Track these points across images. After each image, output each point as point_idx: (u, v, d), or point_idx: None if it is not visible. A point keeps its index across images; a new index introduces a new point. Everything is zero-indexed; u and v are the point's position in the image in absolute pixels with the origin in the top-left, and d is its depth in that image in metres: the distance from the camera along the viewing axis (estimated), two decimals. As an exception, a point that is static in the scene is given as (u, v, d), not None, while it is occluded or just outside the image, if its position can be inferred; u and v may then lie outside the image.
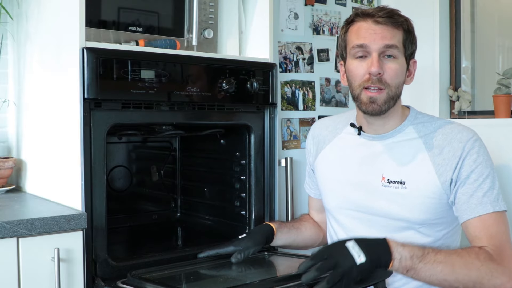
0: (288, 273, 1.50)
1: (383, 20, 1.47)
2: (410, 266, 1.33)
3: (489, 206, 1.42)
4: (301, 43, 2.23)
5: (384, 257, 1.30)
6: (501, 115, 2.29)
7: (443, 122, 1.55)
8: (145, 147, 2.29)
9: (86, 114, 1.49)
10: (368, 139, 1.58)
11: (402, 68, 1.50)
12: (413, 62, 1.56)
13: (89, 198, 1.50)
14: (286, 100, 2.17)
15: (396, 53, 1.47)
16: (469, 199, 1.44)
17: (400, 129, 1.55)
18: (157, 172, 2.27)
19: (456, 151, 1.46)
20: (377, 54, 1.46)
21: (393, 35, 1.47)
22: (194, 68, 1.70)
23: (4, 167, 1.85)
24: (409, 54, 1.52)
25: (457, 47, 2.56)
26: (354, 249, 1.27)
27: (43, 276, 1.40)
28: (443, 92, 2.51)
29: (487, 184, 1.44)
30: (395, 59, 1.48)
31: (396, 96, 1.50)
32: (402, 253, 1.32)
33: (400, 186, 1.50)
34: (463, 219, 1.45)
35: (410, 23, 1.52)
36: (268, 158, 1.88)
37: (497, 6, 2.64)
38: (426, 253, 1.35)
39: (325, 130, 1.72)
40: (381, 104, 1.48)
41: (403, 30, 1.49)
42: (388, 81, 1.47)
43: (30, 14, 1.85)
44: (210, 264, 1.61)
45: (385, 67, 1.47)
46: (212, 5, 1.90)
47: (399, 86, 1.50)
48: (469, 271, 1.35)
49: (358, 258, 1.26)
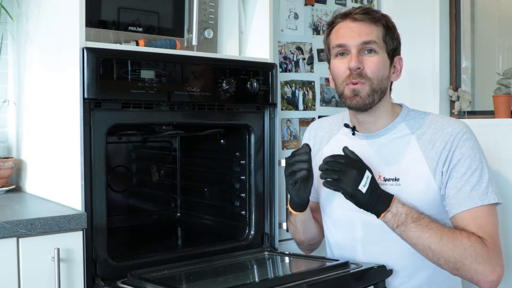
0: (288, 273, 1.50)
1: (360, 16, 1.51)
2: (402, 222, 1.42)
3: (477, 200, 1.43)
4: (301, 43, 2.23)
5: (380, 205, 1.43)
6: (501, 115, 2.29)
7: (435, 116, 1.57)
8: (145, 147, 2.29)
9: (86, 114, 1.49)
10: (362, 138, 1.60)
11: (383, 62, 1.51)
12: (398, 58, 1.57)
13: (89, 198, 1.50)
14: (286, 100, 2.17)
15: (376, 47, 1.50)
16: (457, 193, 1.45)
17: (392, 126, 1.56)
18: (157, 172, 2.27)
19: (446, 143, 1.48)
20: (356, 50, 1.50)
21: (370, 31, 1.50)
22: (194, 68, 1.70)
23: (4, 167, 1.85)
24: (392, 50, 1.54)
25: (457, 47, 2.56)
26: (367, 179, 1.42)
27: (43, 276, 1.40)
28: (443, 92, 2.51)
29: (475, 178, 1.45)
30: (376, 53, 1.50)
31: (380, 89, 1.51)
32: (399, 209, 1.43)
33: (395, 183, 1.52)
34: (452, 213, 1.46)
35: (389, 19, 1.55)
36: (268, 158, 1.88)
37: (497, 6, 2.64)
38: (422, 218, 1.43)
39: (322, 131, 1.73)
40: (364, 97, 1.50)
41: (382, 26, 1.52)
42: (369, 75, 1.49)
43: (30, 14, 1.85)
44: (210, 264, 1.61)
45: (365, 62, 1.50)
46: (212, 5, 1.90)
47: (382, 79, 1.51)
48: (454, 247, 1.39)
49: (362, 186, 1.40)
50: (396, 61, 1.57)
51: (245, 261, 1.70)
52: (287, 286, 1.34)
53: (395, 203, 1.43)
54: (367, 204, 1.42)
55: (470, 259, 1.38)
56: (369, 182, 1.41)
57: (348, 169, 1.41)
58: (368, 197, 1.41)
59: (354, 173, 1.40)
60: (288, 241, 2.04)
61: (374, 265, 1.49)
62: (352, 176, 1.40)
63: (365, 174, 1.41)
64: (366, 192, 1.41)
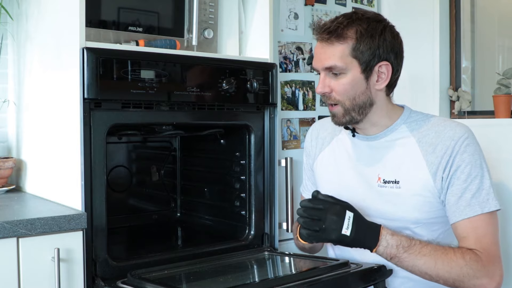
0: (288, 273, 1.50)
1: (325, 37, 1.46)
2: (395, 254, 1.41)
3: (477, 207, 1.43)
4: (301, 43, 2.23)
5: (370, 241, 1.40)
6: (501, 115, 2.29)
7: (437, 119, 1.55)
8: (145, 147, 2.29)
9: (86, 114, 1.49)
10: (363, 139, 1.59)
11: (353, 81, 1.46)
12: (380, 65, 1.47)
13: (89, 198, 1.50)
14: (286, 100, 2.17)
15: (340, 70, 1.45)
16: (458, 201, 1.44)
17: (392, 128, 1.55)
18: (157, 172, 2.27)
19: (447, 148, 1.46)
20: (323, 74, 1.48)
21: (332, 53, 1.45)
22: (194, 68, 1.70)
23: (4, 167, 1.85)
24: (367, 61, 1.45)
25: (457, 47, 2.56)
26: (349, 219, 1.38)
27: (43, 276, 1.40)
28: (443, 92, 2.51)
29: (476, 185, 1.44)
30: (342, 74, 1.46)
31: (357, 106, 1.48)
32: (389, 241, 1.40)
33: (395, 186, 1.51)
34: (452, 221, 1.46)
35: (360, 30, 1.44)
36: (268, 158, 1.88)
37: (497, 6, 2.64)
38: (413, 245, 1.41)
39: (325, 132, 1.72)
40: (340, 117, 1.51)
41: (351, 40, 1.44)
42: (337, 98, 1.48)
43: (30, 14, 1.85)
44: (210, 264, 1.61)
45: (332, 85, 1.48)
46: (212, 5, 1.90)
47: (354, 97, 1.47)
48: (450, 268, 1.39)
49: (345, 229, 1.37)
50: (378, 68, 1.47)
51: (245, 261, 1.70)
52: (287, 286, 1.34)
53: (383, 235, 1.41)
54: (355, 244, 1.40)
55: (468, 277, 1.38)
56: (352, 222, 1.37)
57: (327, 216, 1.37)
58: (354, 238, 1.38)
59: (334, 219, 1.37)
60: (288, 241, 2.04)
61: (374, 265, 1.49)
62: (332, 222, 1.36)
63: (346, 216, 1.37)
64: (351, 234, 1.37)
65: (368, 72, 1.47)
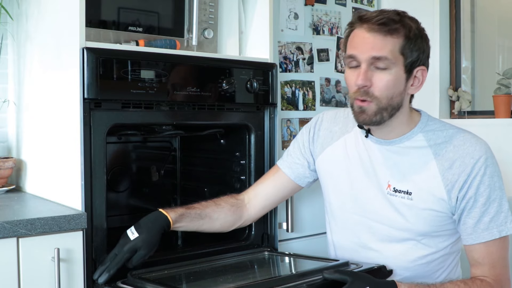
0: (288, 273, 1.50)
1: (377, 27, 1.38)
2: None
3: (495, 231, 1.42)
4: (301, 43, 2.23)
5: None
6: (501, 115, 2.29)
7: (455, 132, 1.49)
8: (145, 147, 2.28)
9: (86, 114, 1.49)
10: (375, 142, 1.54)
11: (396, 79, 1.41)
12: (420, 70, 1.44)
13: (89, 198, 1.50)
14: (286, 100, 2.17)
15: (388, 64, 1.39)
16: (476, 224, 1.42)
17: (409, 136, 1.49)
18: (157, 172, 2.27)
19: (466, 167, 1.42)
20: (366, 65, 1.40)
21: (384, 44, 1.38)
22: (194, 68, 1.70)
23: (4, 167, 1.85)
24: (411, 62, 1.41)
25: (457, 47, 2.56)
26: None
27: (43, 276, 1.40)
28: (443, 92, 2.52)
29: (494, 208, 1.42)
30: (387, 70, 1.39)
31: (390, 106, 1.42)
32: None
33: (406, 196, 1.47)
34: (468, 243, 1.45)
35: (413, 29, 1.41)
36: (268, 158, 1.88)
37: (497, 6, 2.64)
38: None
39: (336, 126, 1.66)
40: (371, 115, 1.42)
41: (402, 37, 1.39)
42: (376, 93, 1.40)
43: (30, 14, 1.85)
44: (210, 264, 1.61)
45: (374, 79, 1.40)
46: (212, 5, 1.90)
47: (392, 97, 1.41)
48: None
49: None
50: (417, 73, 1.44)
51: (245, 261, 1.70)
52: (287, 286, 1.34)
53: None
54: None
55: None
56: None
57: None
58: None
59: None
60: (288, 241, 2.04)
61: (374, 265, 1.49)
62: None
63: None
64: None
65: (409, 73, 1.43)
